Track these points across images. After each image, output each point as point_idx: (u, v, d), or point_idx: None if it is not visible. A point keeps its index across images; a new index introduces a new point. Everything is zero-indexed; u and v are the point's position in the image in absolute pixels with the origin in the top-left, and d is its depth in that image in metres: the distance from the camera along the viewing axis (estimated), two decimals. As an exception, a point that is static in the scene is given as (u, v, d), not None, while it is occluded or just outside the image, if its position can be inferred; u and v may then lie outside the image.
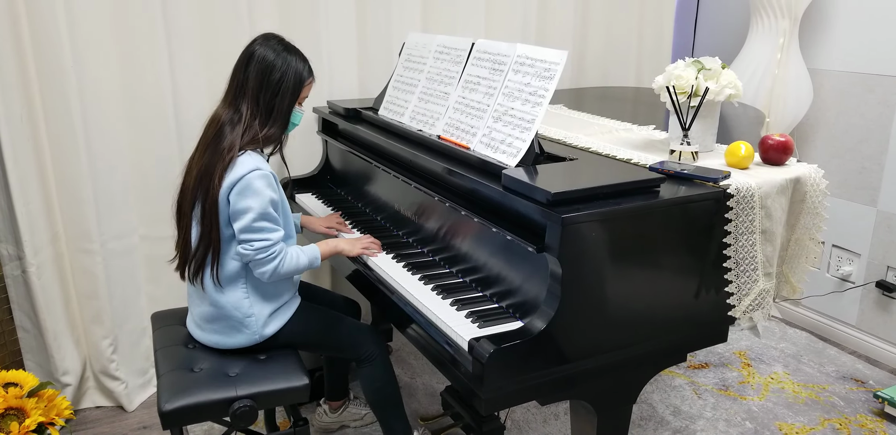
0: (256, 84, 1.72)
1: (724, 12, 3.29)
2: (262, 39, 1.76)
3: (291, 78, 1.74)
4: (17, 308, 2.31)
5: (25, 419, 1.93)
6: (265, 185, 1.68)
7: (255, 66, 1.73)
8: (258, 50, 1.74)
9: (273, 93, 1.73)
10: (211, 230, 1.70)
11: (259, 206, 1.67)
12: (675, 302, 1.57)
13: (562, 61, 1.62)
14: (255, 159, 1.70)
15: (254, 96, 1.73)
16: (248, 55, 1.74)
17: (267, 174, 1.69)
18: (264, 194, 1.67)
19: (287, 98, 1.75)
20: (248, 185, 1.66)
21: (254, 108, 1.73)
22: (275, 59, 1.72)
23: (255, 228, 1.67)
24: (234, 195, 1.67)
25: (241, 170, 1.67)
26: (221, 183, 1.67)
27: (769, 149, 1.73)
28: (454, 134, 1.85)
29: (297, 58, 1.76)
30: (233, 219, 1.69)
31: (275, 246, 1.70)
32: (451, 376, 1.51)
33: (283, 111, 1.76)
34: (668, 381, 2.61)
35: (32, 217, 2.21)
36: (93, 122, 2.22)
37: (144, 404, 2.51)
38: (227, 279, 1.75)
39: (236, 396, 1.66)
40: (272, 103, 1.73)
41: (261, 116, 1.74)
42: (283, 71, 1.73)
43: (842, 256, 2.89)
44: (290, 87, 1.74)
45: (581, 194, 1.42)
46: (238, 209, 1.67)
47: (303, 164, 2.63)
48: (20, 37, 2.08)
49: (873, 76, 2.68)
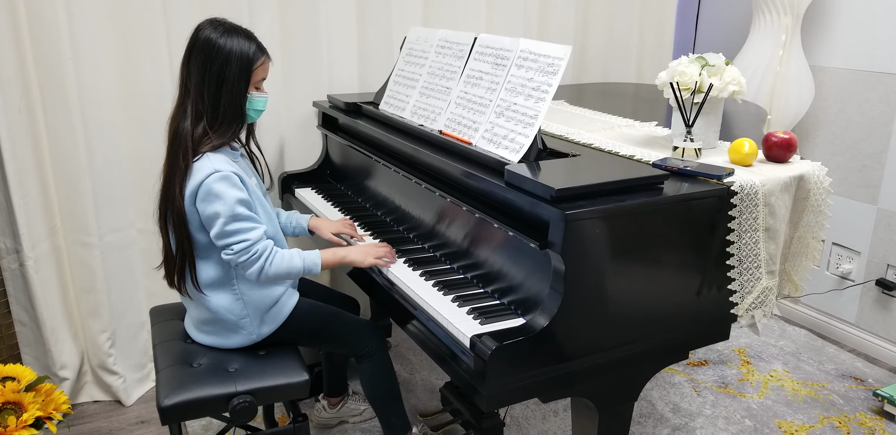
0: (198, 78, 1.61)
1: (726, 8, 3.28)
2: (203, 25, 1.64)
3: (235, 62, 1.61)
4: (15, 302, 2.30)
5: (23, 414, 1.92)
6: (227, 187, 1.60)
7: (196, 57, 1.61)
8: (199, 37, 1.61)
9: (217, 84, 1.61)
10: (182, 240, 1.66)
11: (226, 210, 1.60)
12: (678, 299, 1.56)
13: (566, 56, 1.60)
14: (214, 161, 1.62)
15: (197, 92, 1.62)
16: (190, 46, 1.63)
17: (227, 175, 1.60)
18: (228, 196, 1.60)
19: (235, 86, 1.62)
20: (209, 190, 1.59)
21: (199, 105, 1.62)
22: (214, 46, 1.60)
23: (229, 232, 1.61)
24: (199, 203, 1.61)
25: (199, 176, 1.59)
26: (183, 193, 1.61)
27: (773, 146, 1.72)
28: (456, 129, 1.84)
29: (240, 38, 1.62)
30: (206, 226, 1.64)
31: (256, 245, 1.63)
32: (452, 373, 1.50)
33: (232, 103, 1.64)
34: (668, 378, 2.61)
35: (30, 210, 2.19)
36: (91, 116, 2.21)
37: (142, 399, 2.50)
38: (210, 285, 1.71)
39: (235, 392, 1.65)
40: (217, 96, 1.62)
41: (208, 114, 1.63)
42: (225, 56, 1.60)
43: (842, 253, 2.89)
44: (237, 72, 1.61)
45: (584, 191, 1.41)
46: (207, 216, 1.61)
47: (302, 158, 2.62)
48: (19, 29, 2.06)
49: (875, 74, 2.68)
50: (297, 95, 2.57)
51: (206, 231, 1.66)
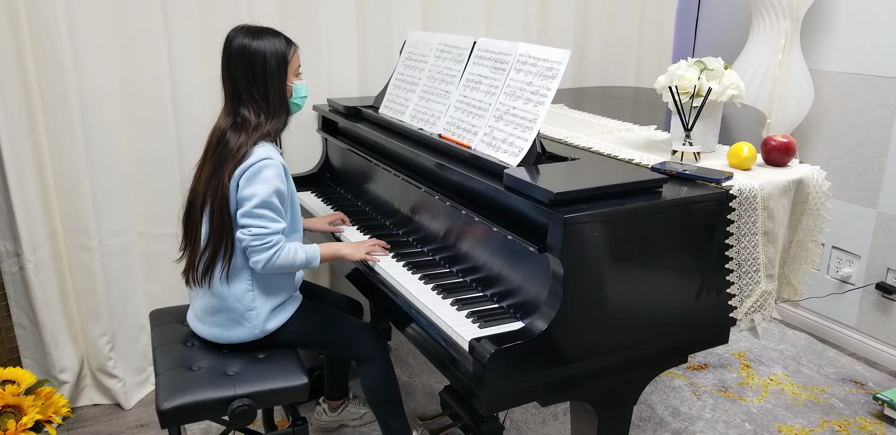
0: (245, 82, 1.71)
1: (726, 12, 3.29)
2: (232, 35, 1.74)
3: (273, 59, 1.71)
4: (15, 305, 2.30)
5: (23, 417, 1.92)
6: (274, 175, 1.68)
7: (236, 65, 1.71)
8: (234, 46, 1.71)
9: (263, 83, 1.71)
10: (223, 225, 1.69)
11: (264, 193, 1.66)
12: (677, 303, 1.56)
13: (564, 60, 1.61)
14: (268, 150, 1.71)
15: (249, 96, 1.72)
16: (227, 57, 1.73)
17: (278, 164, 1.70)
18: (271, 183, 1.67)
19: (276, 81, 1.73)
20: (258, 171, 1.66)
21: (254, 107, 1.72)
22: (250, 50, 1.70)
23: (256, 214, 1.66)
24: (243, 180, 1.67)
25: (253, 158, 1.68)
26: (232, 174, 1.67)
27: (772, 150, 1.73)
28: (455, 133, 1.84)
29: (269, 36, 1.73)
30: (238, 205, 1.69)
31: (272, 235, 1.68)
32: (451, 376, 1.50)
33: (279, 96, 1.75)
34: (668, 382, 2.61)
35: (30, 214, 2.20)
36: (91, 119, 2.21)
37: (142, 402, 2.50)
38: (234, 272, 1.74)
39: (235, 395, 1.65)
40: (267, 94, 1.72)
41: (264, 111, 1.73)
42: (263, 57, 1.70)
43: (842, 257, 2.89)
44: (276, 68, 1.72)
45: (583, 194, 1.41)
46: (244, 195, 1.67)
47: (302, 162, 2.63)
48: (19, 31, 2.07)
49: (874, 78, 2.68)
50: (298, 99, 2.57)
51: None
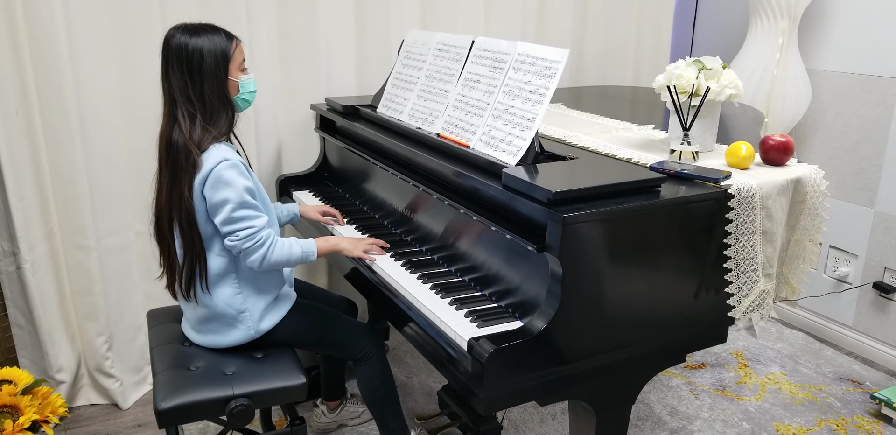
0: (181, 83, 1.65)
1: (723, 12, 3.29)
2: (170, 34, 1.67)
3: (210, 56, 1.65)
4: (12, 305, 2.30)
5: (19, 417, 1.91)
6: (237, 175, 1.64)
7: (173, 65, 1.65)
8: (172, 46, 1.65)
9: (200, 82, 1.65)
10: (192, 240, 1.68)
11: (236, 196, 1.64)
12: (675, 302, 1.56)
13: (563, 60, 1.61)
14: (221, 151, 1.66)
15: (184, 97, 1.65)
16: (165, 57, 1.66)
17: (236, 163, 1.65)
18: (237, 183, 1.64)
19: (214, 78, 1.66)
20: (220, 177, 1.63)
21: (189, 108, 1.66)
22: (188, 49, 1.63)
23: (236, 218, 1.65)
24: (207, 190, 1.64)
25: (209, 164, 1.64)
26: (192, 187, 1.64)
27: (770, 149, 1.73)
28: (454, 132, 1.84)
29: (208, 33, 1.66)
30: (212, 214, 1.66)
31: (260, 232, 1.67)
32: (450, 376, 1.50)
33: (217, 94, 1.67)
34: (666, 381, 2.61)
35: (27, 213, 2.19)
36: (89, 118, 2.21)
37: (139, 402, 2.50)
38: (215, 278, 1.73)
39: (233, 395, 1.65)
40: (202, 92, 1.66)
41: (199, 111, 1.67)
42: (200, 54, 1.63)
43: (839, 256, 2.89)
44: (213, 64, 1.65)
45: (582, 194, 1.41)
46: (215, 203, 1.64)
47: (300, 161, 2.62)
48: (16, 31, 2.06)
49: (872, 77, 2.68)
50: (295, 98, 2.57)
51: (210, 221, 1.68)
